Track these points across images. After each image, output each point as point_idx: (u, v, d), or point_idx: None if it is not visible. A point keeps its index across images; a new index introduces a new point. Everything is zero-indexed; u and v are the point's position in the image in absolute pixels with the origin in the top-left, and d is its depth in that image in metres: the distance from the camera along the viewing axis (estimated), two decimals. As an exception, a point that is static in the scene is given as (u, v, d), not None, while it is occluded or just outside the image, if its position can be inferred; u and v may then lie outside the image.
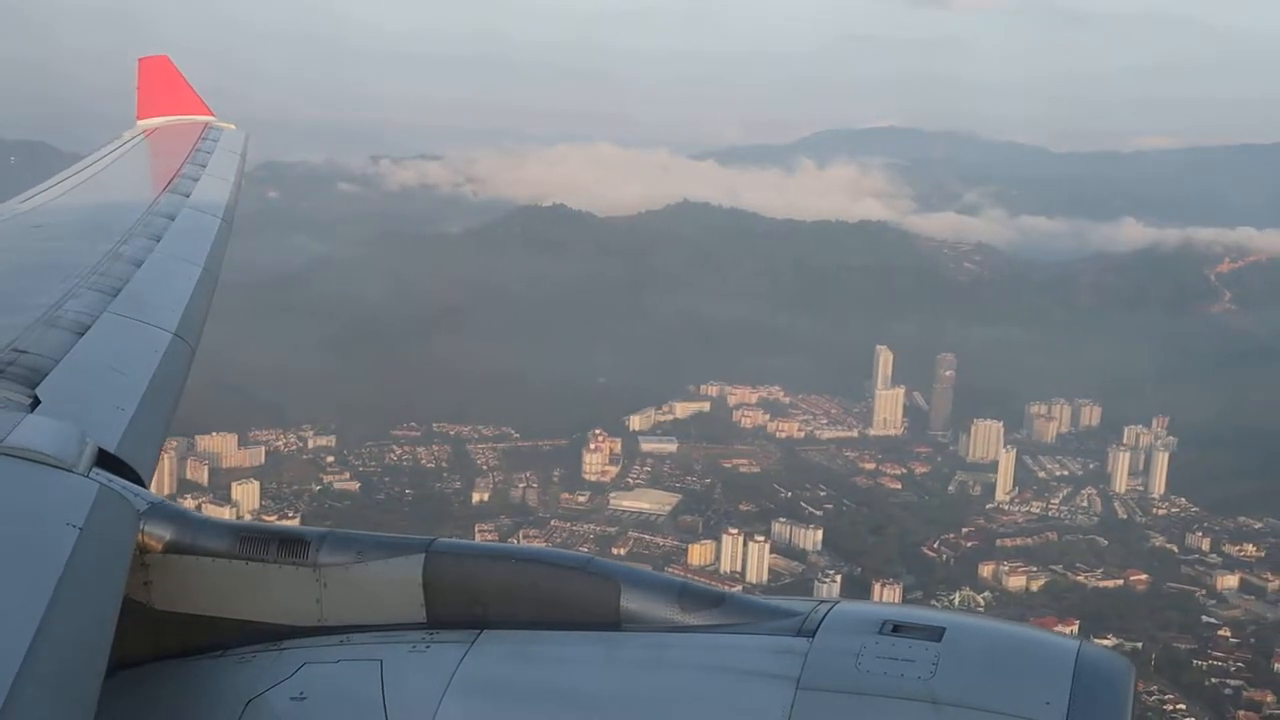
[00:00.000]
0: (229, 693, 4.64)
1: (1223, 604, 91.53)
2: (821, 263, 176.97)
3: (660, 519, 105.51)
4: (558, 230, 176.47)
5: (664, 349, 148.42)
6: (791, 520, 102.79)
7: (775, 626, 4.32)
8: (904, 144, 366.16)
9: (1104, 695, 3.95)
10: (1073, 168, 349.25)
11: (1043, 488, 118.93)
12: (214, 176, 14.91)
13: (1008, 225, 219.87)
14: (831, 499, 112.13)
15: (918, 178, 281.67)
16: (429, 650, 4.54)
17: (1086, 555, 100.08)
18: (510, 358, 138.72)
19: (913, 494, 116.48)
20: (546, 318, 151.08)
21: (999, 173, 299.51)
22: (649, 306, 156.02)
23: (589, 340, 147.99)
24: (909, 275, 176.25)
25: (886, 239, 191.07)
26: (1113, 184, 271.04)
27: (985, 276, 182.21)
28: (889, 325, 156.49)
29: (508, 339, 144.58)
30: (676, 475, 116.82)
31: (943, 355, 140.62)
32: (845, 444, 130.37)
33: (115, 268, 9.11)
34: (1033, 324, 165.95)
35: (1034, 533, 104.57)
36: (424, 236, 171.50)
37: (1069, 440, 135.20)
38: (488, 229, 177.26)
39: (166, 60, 21.27)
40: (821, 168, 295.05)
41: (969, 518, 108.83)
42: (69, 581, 4.02)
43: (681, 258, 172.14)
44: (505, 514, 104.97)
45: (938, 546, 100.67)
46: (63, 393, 6.17)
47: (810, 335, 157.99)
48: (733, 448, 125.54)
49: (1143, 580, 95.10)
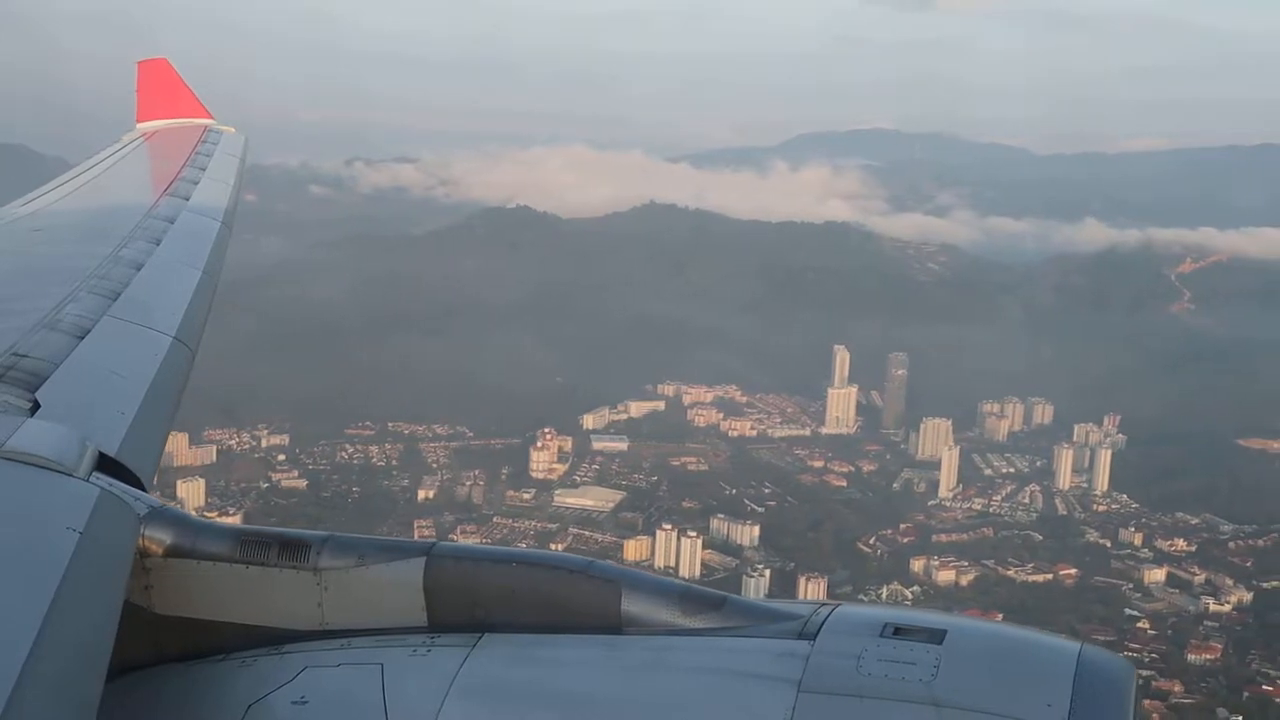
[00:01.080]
0: (230, 697, 4.65)
1: (1147, 597, 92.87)
2: (785, 264, 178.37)
3: (602, 516, 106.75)
4: (520, 232, 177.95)
5: (623, 349, 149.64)
6: (730, 517, 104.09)
7: (776, 629, 4.33)
8: (886, 146, 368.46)
9: (1105, 697, 3.95)
10: (1053, 169, 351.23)
11: (987, 485, 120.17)
12: (213, 180, 14.94)
13: (975, 226, 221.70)
14: (775, 496, 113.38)
15: (892, 179, 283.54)
16: (430, 654, 4.55)
17: (1020, 551, 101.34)
18: (467, 358, 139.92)
19: (857, 491, 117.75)
20: (506, 318, 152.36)
21: (977, 174, 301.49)
22: (609, 307, 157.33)
23: (548, 340, 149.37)
24: (872, 276, 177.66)
25: (851, 240, 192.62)
26: (1088, 186, 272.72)
27: (948, 277, 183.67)
28: (849, 325, 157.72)
29: (466, 339, 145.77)
30: (624, 473, 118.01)
31: (894, 355, 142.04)
32: (796, 442, 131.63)
33: (115, 271, 9.08)
34: (992, 324, 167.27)
35: (971, 529, 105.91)
36: (387, 238, 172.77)
37: (1020, 438, 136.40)
38: (450, 231, 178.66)
39: (165, 63, 21.21)
40: (795, 170, 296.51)
41: (909, 514, 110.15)
42: (70, 586, 4.03)
43: (644, 259, 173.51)
44: (449, 511, 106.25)
45: (873, 542, 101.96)
46: (63, 397, 6.16)
47: (771, 335, 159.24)
48: (684, 446, 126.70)
49: (1072, 575, 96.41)
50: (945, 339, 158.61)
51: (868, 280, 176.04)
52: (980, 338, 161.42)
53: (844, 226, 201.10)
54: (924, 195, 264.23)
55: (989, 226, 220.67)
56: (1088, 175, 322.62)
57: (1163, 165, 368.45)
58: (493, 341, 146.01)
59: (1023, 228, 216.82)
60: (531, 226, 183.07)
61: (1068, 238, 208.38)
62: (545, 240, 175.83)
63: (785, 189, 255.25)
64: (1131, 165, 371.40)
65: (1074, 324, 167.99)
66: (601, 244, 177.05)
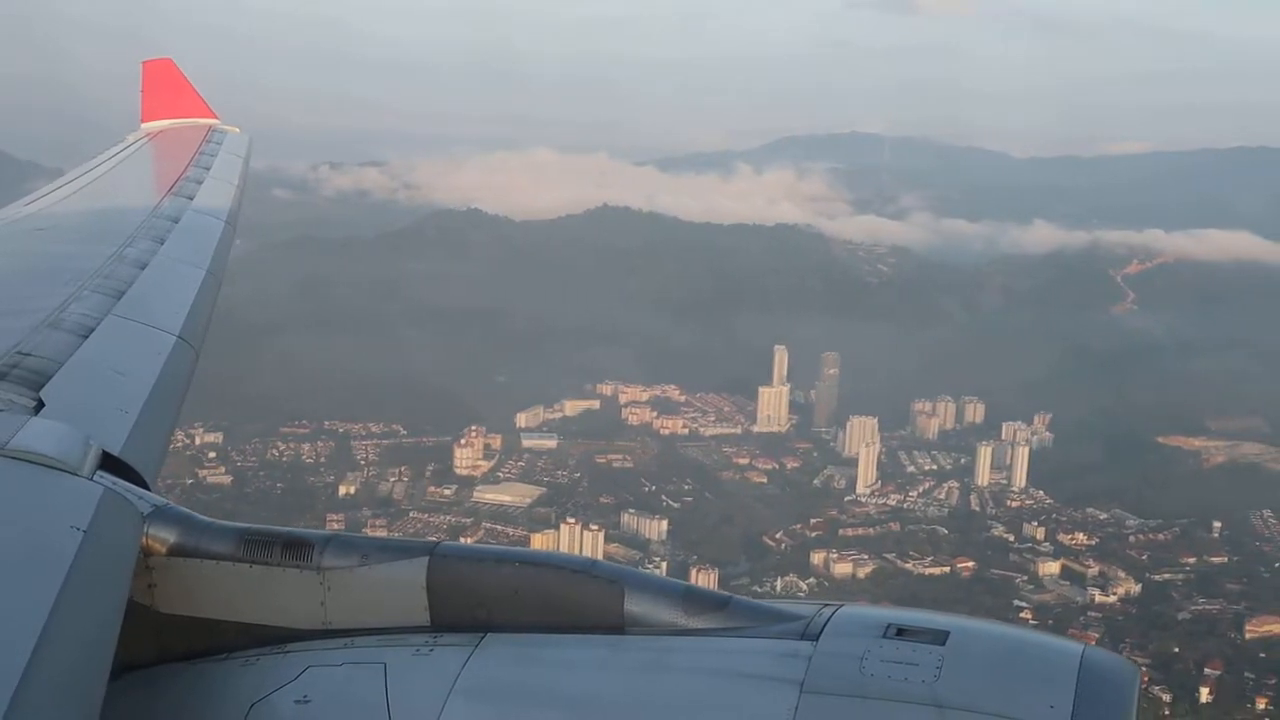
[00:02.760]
0: (233, 696, 4.68)
1: (1039, 589, 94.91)
2: (734, 265, 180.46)
3: (518, 511, 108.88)
4: (470, 234, 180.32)
5: (566, 350, 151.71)
6: (641, 512, 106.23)
7: (779, 630, 4.36)
8: (863, 149, 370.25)
9: (1108, 698, 3.98)
10: (1027, 173, 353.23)
11: (907, 481, 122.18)
12: (218, 180, 15.09)
13: (930, 229, 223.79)
14: (693, 492, 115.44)
15: (859, 182, 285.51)
16: (433, 653, 4.59)
17: (924, 545, 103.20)
18: (408, 358, 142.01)
19: (776, 487, 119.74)
20: (450, 319, 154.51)
21: (947, 177, 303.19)
22: (554, 308, 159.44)
23: (491, 341, 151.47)
24: (818, 277, 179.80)
25: (801, 242, 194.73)
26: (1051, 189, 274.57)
27: (894, 278, 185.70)
28: (793, 326, 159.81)
29: (408, 339, 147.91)
30: (548, 470, 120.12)
31: (827, 354, 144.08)
32: (726, 440, 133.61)
33: (119, 270, 9.14)
34: (935, 324, 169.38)
35: (879, 524, 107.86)
36: (336, 239, 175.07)
37: (950, 437, 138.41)
38: (400, 233, 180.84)
39: (170, 63, 21.28)
40: (760, 173, 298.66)
41: (822, 509, 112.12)
42: (73, 584, 4.04)
43: (593, 261, 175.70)
44: (367, 506, 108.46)
45: (779, 536, 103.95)
46: (67, 396, 6.19)
47: (714, 336, 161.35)
48: (612, 444, 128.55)
49: (970, 567, 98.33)
50: (887, 339, 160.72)
51: (813, 281, 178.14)
52: (921, 338, 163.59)
53: (794, 229, 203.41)
54: (888, 197, 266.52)
55: (944, 228, 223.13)
56: (1062, 179, 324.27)
57: (1139, 168, 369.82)
58: (435, 341, 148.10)
59: (978, 230, 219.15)
60: (482, 228, 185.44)
61: (1015, 240, 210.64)
62: (495, 242, 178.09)
63: (746, 192, 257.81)
64: (1108, 168, 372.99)
65: (1016, 324, 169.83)
66: (551, 246, 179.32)
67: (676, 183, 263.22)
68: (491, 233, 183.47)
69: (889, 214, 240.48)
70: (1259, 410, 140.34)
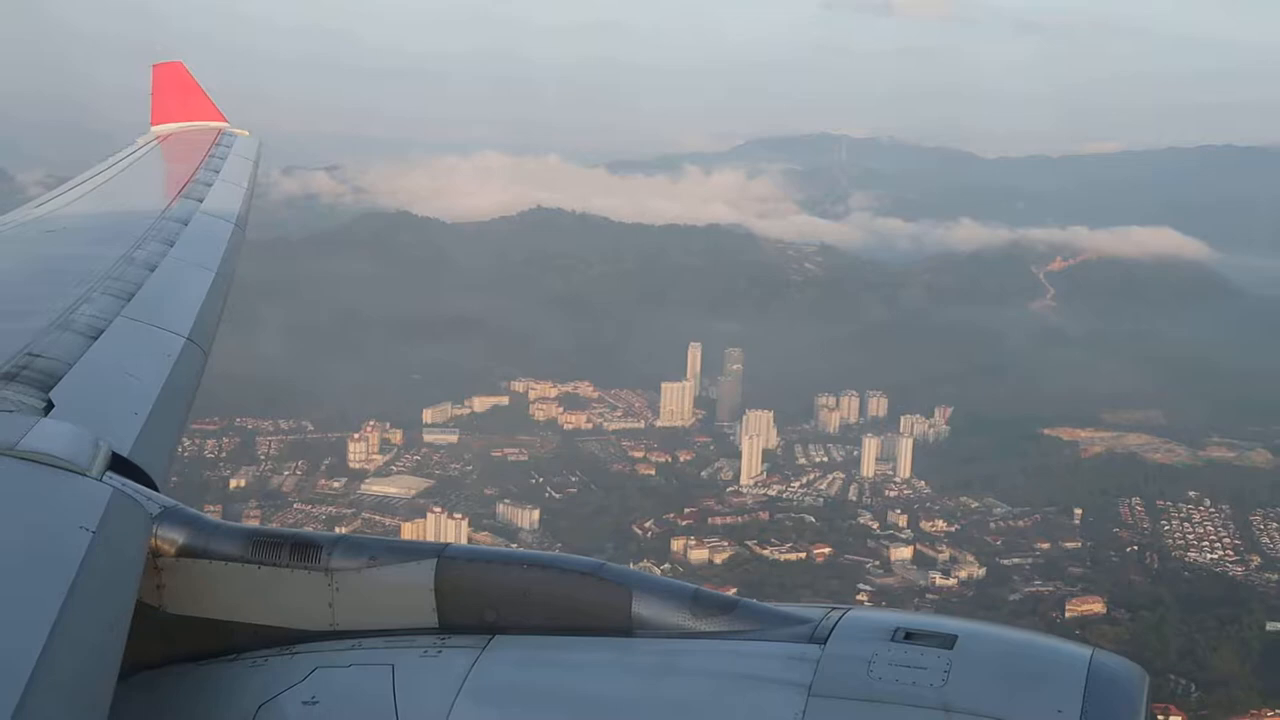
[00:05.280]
0: (241, 697, 4.70)
1: (887, 573, 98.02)
2: (661, 265, 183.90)
3: (401, 502, 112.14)
4: (398, 236, 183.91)
5: (485, 348, 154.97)
6: (516, 503, 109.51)
7: (787, 633, 4.36)
8: (828, 151, 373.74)
9: (1116, 703, 3.98)
10: (994, 174, 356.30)
11: (795, 473, 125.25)
12: (227, 182, 15.21)
13: (866, 228, 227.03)
14: (579, 484, 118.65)
15: (810, 183, 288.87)
16: (440, 655, 4.60)
17: (788, 532, 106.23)
18: (325, 356, 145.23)
19: (662, 479, 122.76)
20: (370, 319, 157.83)
21: (907, 179, 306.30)
22: (475, 308, 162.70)
23: (409, 339, 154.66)
24: (744, 276, 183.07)
25: (729, 242, 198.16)
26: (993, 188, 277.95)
27: (820, 277, 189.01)
28: (712, 323, 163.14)
29: (326, 338, 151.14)
30: (442, 464, 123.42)
31: (730, 350, 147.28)
32: (628, 435, 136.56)
33: (129, 272, 9.16)
34: (853, 321, 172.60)
35: (750, 513, 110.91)
36: (264, 241, 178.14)
37: (852, 430, 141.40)
38: (325, 235, 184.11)
39: (180, 66, 21.52)
40: (709, 175, 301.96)
41: (699, 499, 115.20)
42: (82, 585, 4.05)
43: (520, 262, 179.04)
44: (255, 499, 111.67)
45: (649, 525, 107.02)
46: (76, 397, 6.20)
47: (633, 332, 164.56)
48: (512, 439, 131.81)
49: (825, 553, 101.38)
50: (804, 335, 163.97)
51: (738, 280, 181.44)
52: (838, 334, 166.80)
53: (724, 229, 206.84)
54: (838, 198, 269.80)
55: (879, 227, 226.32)
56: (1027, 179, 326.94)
57: (1108, 167, 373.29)
58: (352, 340, 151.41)
59: (911, 228, 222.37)
60: (410, 230, 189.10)
61: (941, 238, 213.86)
62: (421, 244, 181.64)
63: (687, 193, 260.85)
64: (1073, 168, 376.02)
65: (934, 321, 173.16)
66: (479, 247, 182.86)
67: (621, 184, 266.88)
68: (419, 235, 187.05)
69: (832, 215, 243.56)
70: (1156, 403, 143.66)
